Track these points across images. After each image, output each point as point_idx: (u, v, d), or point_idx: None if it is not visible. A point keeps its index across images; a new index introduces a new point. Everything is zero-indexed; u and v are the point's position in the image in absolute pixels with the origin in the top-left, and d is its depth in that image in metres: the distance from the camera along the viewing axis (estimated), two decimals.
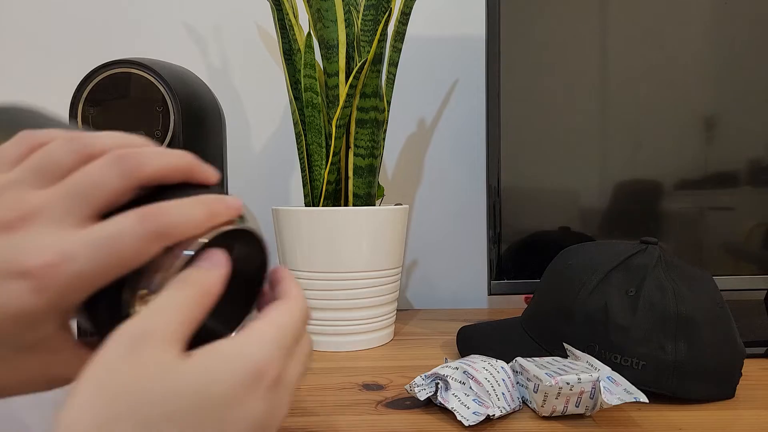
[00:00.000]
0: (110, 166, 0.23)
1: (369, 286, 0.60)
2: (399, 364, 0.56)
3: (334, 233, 0.58)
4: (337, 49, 0.62)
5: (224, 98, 0.84)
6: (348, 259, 0.59)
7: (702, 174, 0.67)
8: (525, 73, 0.66)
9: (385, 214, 0.61)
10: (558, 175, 0.67)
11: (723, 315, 0.48)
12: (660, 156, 0.67)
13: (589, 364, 0.44)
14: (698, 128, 0.67)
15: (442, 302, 0.86)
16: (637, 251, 0.50)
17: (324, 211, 0.59)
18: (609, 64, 0.66)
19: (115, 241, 0.22)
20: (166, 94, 0.57)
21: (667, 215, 0.67)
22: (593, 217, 0.67)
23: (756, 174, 0.67)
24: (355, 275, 0.59)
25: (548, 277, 0.55)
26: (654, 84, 0.66)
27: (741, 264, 0.67)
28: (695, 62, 0.67)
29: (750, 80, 0.66)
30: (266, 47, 0.84)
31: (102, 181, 0.23)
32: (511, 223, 0.67)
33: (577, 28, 0.66)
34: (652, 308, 0.46)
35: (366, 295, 0.60)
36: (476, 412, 0.40)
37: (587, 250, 0.54)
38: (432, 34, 0.84)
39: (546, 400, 0.41)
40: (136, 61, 0.57)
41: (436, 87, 0.85)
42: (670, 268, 0.48)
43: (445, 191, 0.86)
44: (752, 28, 0.66)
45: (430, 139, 0.85)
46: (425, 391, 0.44)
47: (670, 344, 0.45)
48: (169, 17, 0.83)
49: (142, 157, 0.24)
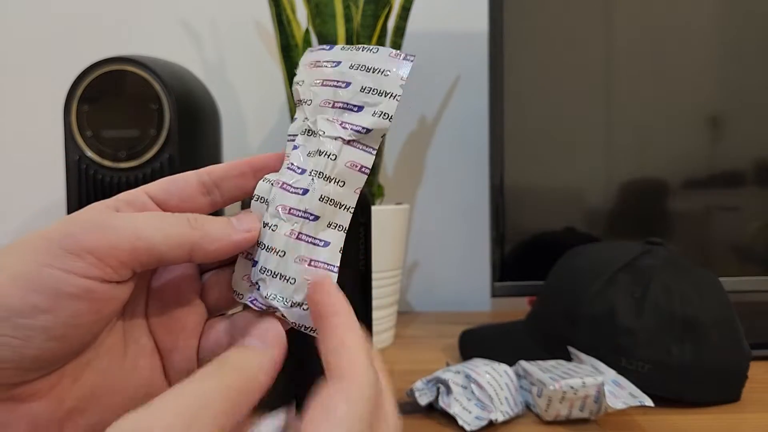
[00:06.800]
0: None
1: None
2: (399, 367, 0.55)
3: None
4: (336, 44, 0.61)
5: (220, 95, 0.83)
6: None
7: (708, 174, 0.66)
8: (528, 70, 0.66)
9: (385, 213, 0.60)
10: (563, 175, 0.66)
11: (729, 317, 0.47)
12: (666, 155, 0.66)
13: (594, 368, 0.43)
14: (704, 127, 0.66)
15: (443, 304, 0.85)
16: (643, 252, 0.49)
17: None
18: (614, 60, 0.65)
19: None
20: (161, 92, 0.56)
21: (673, 215, 0.66)
22: (598, 217, 0.66)
23: (763, 174, 0.66)
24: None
25: (553, 279, 0.55)
26: (660, 82, 0.65)
27: (747, 265, 0.66)
28: (701, 60, 0.66)
29: (757, 79, 0.65)
30: (263, 43, 0.83)
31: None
32: (514, 224, 0.66)
33: (582, 24, 0.65)
34: (657, 310, 0.46)
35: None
36: (479, 417, 0.40)
37: (592, 252, 0.53)
38: (433, 29, 0.83)
39: (550, 404, 0.41)
40: (131, 59, 0.56)
41: (438, 84, 0.84)
42: (677, 270, 0.48)
43: (447, 190, 0.85)
44: (759, 26, 0.65)
45: (431, 137, 0.85)
46: (426, 396, 0.43)
47: (676, 347, 0.45)
48: (164, 13, 0.82)
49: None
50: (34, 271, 0.19)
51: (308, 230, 0.24)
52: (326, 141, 0.24)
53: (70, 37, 0.82)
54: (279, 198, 0.24)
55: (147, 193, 0.23)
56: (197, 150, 0.61)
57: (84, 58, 0.59)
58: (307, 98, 0.26)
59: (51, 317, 0.19)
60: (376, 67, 0.25)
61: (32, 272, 0.19)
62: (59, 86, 0.81)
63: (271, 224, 0.24)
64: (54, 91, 0.81)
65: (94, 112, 0.56)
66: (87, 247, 0.20)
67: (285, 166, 0.25)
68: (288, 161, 0.25)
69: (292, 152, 0.25)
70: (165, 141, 0.56)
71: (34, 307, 0.19)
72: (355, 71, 0.25)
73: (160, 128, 0.56)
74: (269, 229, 0.24)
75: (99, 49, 0.82)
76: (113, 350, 0.23)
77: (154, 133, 0.56)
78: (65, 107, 0.56)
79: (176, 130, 0.56)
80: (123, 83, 0.56)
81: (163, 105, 0.56)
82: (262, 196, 0.25)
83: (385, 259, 0.61)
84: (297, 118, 0.26)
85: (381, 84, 0.24)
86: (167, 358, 0.24)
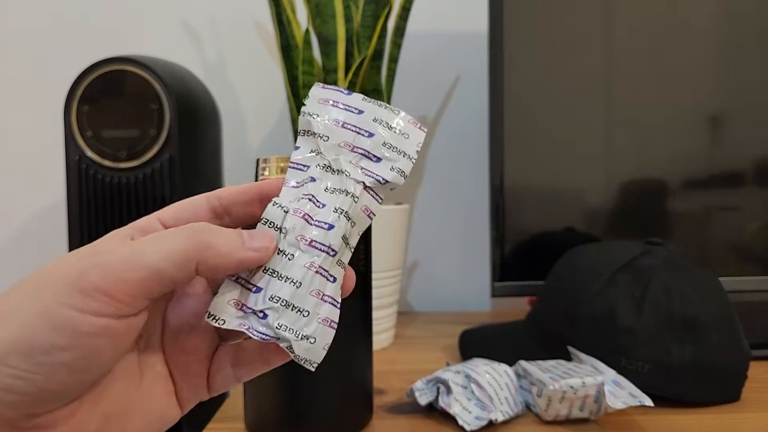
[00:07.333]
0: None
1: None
2: (399, 367, 0.55)
3: None
4: (335, 44, 0.61)
5: (220, 95, 0.83)
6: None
7: (708, 174, 0.66)
8: (528, 70, 0.65)
9: (385, 213, 0.60)
10: (563, 175, 0.66)
11: (729, 317, 0.47)
12: (666, 155, 0.66)
13: (594, 368, 0.43)
14: (704, 127, 0.66)
15: (443, 304, 0.85)
16: (643, 252, 0.49)
17: None
18: (614, 60, 0.65)
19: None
20: (161, 92, 0.56)
21: (673, 215, 0.66)
22: (598, 217, 0.66)
23: (763, 174, 0.66)
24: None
25: (553, 279, 0.55)
26: (660, 82, 0.65)
27: (747, 265, 0.66)
28: (701, 60, 0.66)
29: (757, 79, 0.65)
30: (263, 43, 0.83)
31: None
32: (514, 224, 0.66)
33: (582, 24, 0.65)
34: (657, 310, 0.46)
35: None
36: (478, 417, 0.40)
37: (592, 252, 0.53)
38: (433, 29, 0.83)
39: (550, 404, 0.41)
40: (131, 59, 0.56)
41: (438, 84, 0.84)
42: (676, 270, 0.48)
43: (447, 190, 0.85)
44: (759, 26, 0.65)
45: (431, 137, 0.85)
46: (426, 396, 0.43)
47: (676, 347, 0.45)
48: (164, 13, 0.82)
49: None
50: (54, 311, 0.19)
51: (326, 265, 0.24)
52: (351, 183, 0.25)
53: (70, 37, 0.82)
54: (299, 228, 0.24)
55: (159, 220, 0.24)
56: (197, 150, 0.61)
57: (84, 58, 0.59)
58: (323, 134, 0.26)
59: (70, 354, 0.19)
60: (397, 129, 0.27)
61: (51, 311, 0.19)
62: (59, 86, 0.81)
63: (288, 253, 0.24)
64: (54, 91, 0.81)
65: (94, 112, 0.56)
66: (98, 287, 0.20)
67: (301, 195, 0.25)
68: (304, 191, 0.25)
69: (308, 184, 0.25)
70: (165, 141, 0.56)
71: (54, 345, 0.19)
72: (377, 125, 0.26)
73: (160, 128, 0.56)
74: (285, 257, 0.24)
75: (99, 49, 0.82)
76: (129, 375, 0.23)
77: (154, 133, 0.56)
78: (65, 107, 0.56)
79: (176, 130, 0.56)
80: (123, 83, 0.56)
81: (163, 105, 0.56)
82: (272, 221, 0.24)
83: (385, 259, 0.60)
84: (301, 146, 0.26)
85: (401, 144, 0.26)
86: (179, 383, 0.25)
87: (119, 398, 0.22)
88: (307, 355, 0.23)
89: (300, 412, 0.39)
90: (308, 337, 0.23)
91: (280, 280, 0.23)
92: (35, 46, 0.82)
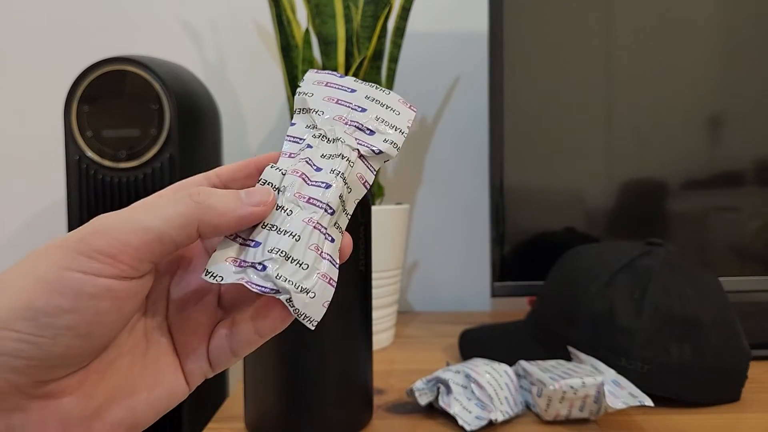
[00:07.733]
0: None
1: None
2: (399, 367, 0.55)
3: None
4: (335, 44, 0.61)
5: (220, 95, 0.83)
6: None
7: (708, 174, 0.66)
8: (529, 70, 0.65)
9: (385, 213, 0.60)
10: (563, 175, 0.66)
11: (729, 317, 0.47)
12: (666, 155, 0.66)
13: (594, 368, 0.43)
14: (704, 127, 0.66)
15: (443, 304, 0.85)
16: (643, 253, 0.49)
17: None
18: (614, 60, 0.65)
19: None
20: (161, 92, 0.56)
21: (672, 215, 0.66)
22: (598, 217, 0.66)
23: (763, 174, 0.66)
24: None
25: (553, 279, 0.55)
26: (660, 82, 0.65)
27: (747, 265, 0.66)
28: (701, 60, 0.66)
29: (757, 79, 0.65)
30: (263, 43, 0.83)
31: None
32: (514, 224, 0.66)
33: (583, 24, 0.65)
34: (657, 311, 0.46)
35: None
36: (479, 417, 0.40)
37: (592, 252, 0.53)
38: (433, 29, 0.83)
39: (550, 404, 0.41)
40: (131, 59, 0.56)
41: (438, 84, 0.84)
42: (676, 270, 0.48)
43: (447, 190, 0.85)
44: (759, 26, 0.65)
45: (431, 137, 0.85)
46: (426, 396, 0.43)
47: (676, 347, 0.45)
48: (164, 14, 0.82)
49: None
50: (55, 275, 0.20)
51: (324, 222, 0.24)
52: (346, 148, 0.26)
53: (70, 37, 0.82)
54: (298, 186, 0.24)
55: (160, 197, 0.24)
56: (197, 150, 0.61)
57: (84, 58, 0.59)
58: (317, 109, 0.27)
59: (75, 316, 0.20)
60: (388, 105, 0.28)
61: (53, 275, 0.20)
62: (59, 86, 0.81)
63: (287, 208, 0.24)
64: (54, 91, 0.81)
65: (94, 112, 0.56)
66: (98, 249, 0.20)
67: (298, 159, 0.25)
68: (301, 156, 0.26)
69: (306, 150, 0.26)
70: (165, 141, 0.56)
71: (58, 308, 0.20)
72: (370, 102, 0.28)
73: (160, 128, 0.56)
74: (284, 212, 0.24)
75: (99, 49, 0.82)
76: (135, 350, 0.24)
77: (154, 133, 0.56)
78: (65, 107, 0.56)
79: (176, 130, 0.56)
80: (123, 83, 0.56)
81: (163, 105, 0.56)
82: (270, 182, 0.25)
83: (385, 259, 0.60)
84: (297, 123, 0.27)
85: (392, 119, 0.27)
86: (184, 358, 0.25)
87: (126, 373, 0.23)
88: (307, 310, 0.23)
89: (300, 411, 0.39)
90: (308, 291, 0.23)
91: (278, 233, 0.23)
92: (35, 46, 0.82)
